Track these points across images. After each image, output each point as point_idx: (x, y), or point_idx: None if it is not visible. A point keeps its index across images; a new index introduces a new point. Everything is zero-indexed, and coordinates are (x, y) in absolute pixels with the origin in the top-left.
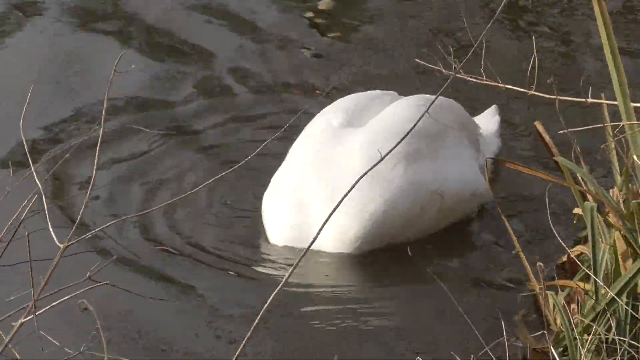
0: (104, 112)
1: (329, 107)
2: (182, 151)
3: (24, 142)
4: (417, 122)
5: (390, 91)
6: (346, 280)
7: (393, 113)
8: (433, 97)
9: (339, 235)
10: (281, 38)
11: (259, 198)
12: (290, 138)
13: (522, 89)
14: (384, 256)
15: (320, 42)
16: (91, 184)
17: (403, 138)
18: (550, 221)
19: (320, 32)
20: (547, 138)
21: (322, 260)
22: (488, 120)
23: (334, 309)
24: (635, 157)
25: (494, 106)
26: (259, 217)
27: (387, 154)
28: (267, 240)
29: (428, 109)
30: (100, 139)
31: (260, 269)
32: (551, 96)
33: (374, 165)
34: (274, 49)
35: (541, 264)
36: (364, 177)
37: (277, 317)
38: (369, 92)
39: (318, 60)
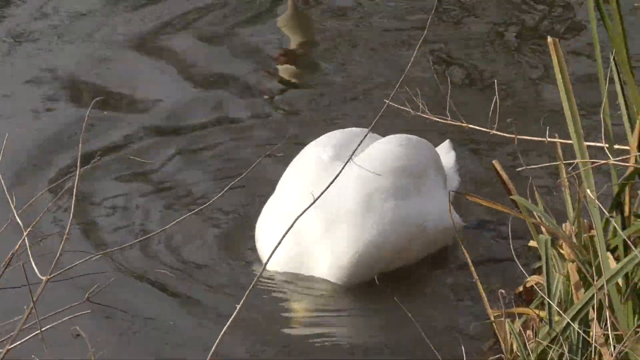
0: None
1: (315, 141)
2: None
3: None
4: (361, 140)
5: (365, 129)
6: (336, 306)
7: (380, 150)
8: (413, 137)
9: (335, 262)
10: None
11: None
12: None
13: (484, 129)
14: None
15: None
16: (68, 227)
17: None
18: (512, 252)
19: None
20: (504, 176)
21: (316, 286)
22: (444, 156)
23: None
24: (588, 191)
25: (447, 141)
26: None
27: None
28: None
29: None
30: (76, 185)
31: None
32: (511, 135)
33: (321, 194)
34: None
35: (503, 291)
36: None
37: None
38: (349, 129)
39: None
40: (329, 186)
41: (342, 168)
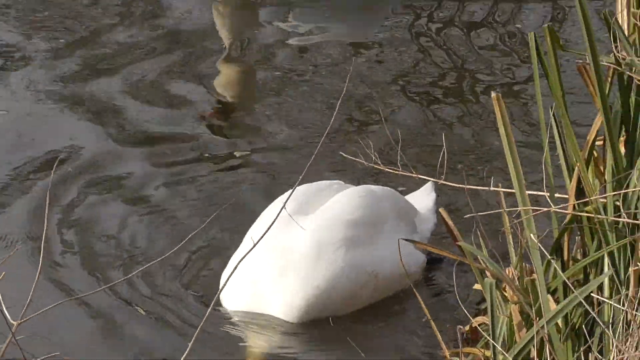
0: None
1: (282, 196)
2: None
3: None
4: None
5: (337, 181)
6: (290, 344)
7: (338, 202)
8: (375, 187)
9: (288, 302)
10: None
11: None
12: None
13: (433, 179)
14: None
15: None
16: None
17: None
18: (457, 296)
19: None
20: (450, 224)
21: (271, 325)
22: (424, 197)
23: None
24: (531, 236)
25: (429, 183)
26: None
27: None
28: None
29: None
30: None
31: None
32: (460, 185)
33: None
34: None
35: (461, 327)
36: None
37: None
38: (318, 182)
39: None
40: (266, 231)
41: (275, 218)
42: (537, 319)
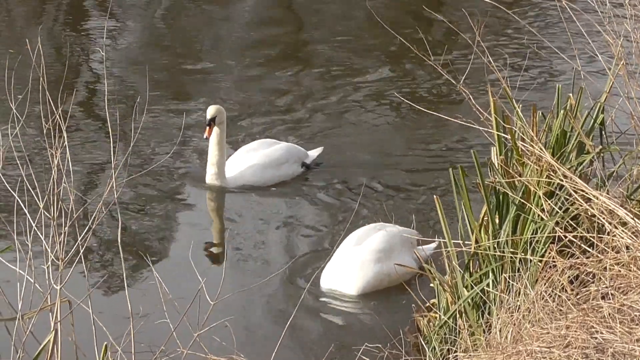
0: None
1: (359, 230)
2: None
3: None
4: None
5: (380, 223)
6: (355, 306)
7: (376, 237)
8: (396, 230)
9: (353, 284)
10: None
11: None
12: None
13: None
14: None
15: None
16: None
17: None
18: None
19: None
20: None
21: (344, 295)
22: (428, 245)
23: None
24: (454, 264)
25: (434, 243)
26: None
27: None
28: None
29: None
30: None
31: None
32: (429, 239)
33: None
34: None
35: (427, 302)
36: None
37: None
38: (370, 225)
39: None
40: (337, 245)
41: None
42: (458, 299)
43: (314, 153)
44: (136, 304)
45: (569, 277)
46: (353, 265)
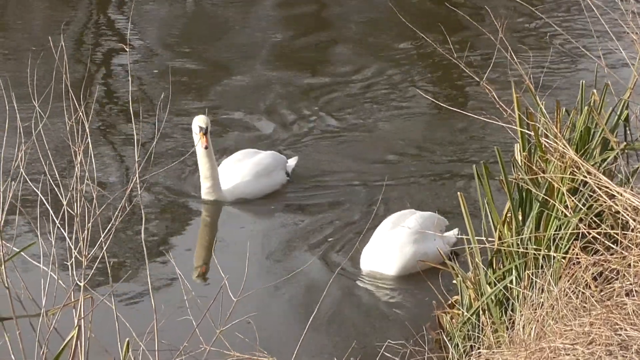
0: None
1: (394, 214)
2: None
3: None
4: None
5: (412, 210)
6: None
7: (410, 220)
8: (425, 213)
9: (392, 265)
10: None
11: None
12: None
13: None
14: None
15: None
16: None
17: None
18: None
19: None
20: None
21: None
22: (451, 234)
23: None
24: (477, 260)
25: (456, 229)
26: None
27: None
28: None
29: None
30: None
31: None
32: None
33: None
34: None
35: (450, 299)
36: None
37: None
38: (404, 210)
39: None
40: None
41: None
42: (481, 296)
43: (292, 162)
44: (158, 302)
45: (592, 273)
46: (392, 246)
